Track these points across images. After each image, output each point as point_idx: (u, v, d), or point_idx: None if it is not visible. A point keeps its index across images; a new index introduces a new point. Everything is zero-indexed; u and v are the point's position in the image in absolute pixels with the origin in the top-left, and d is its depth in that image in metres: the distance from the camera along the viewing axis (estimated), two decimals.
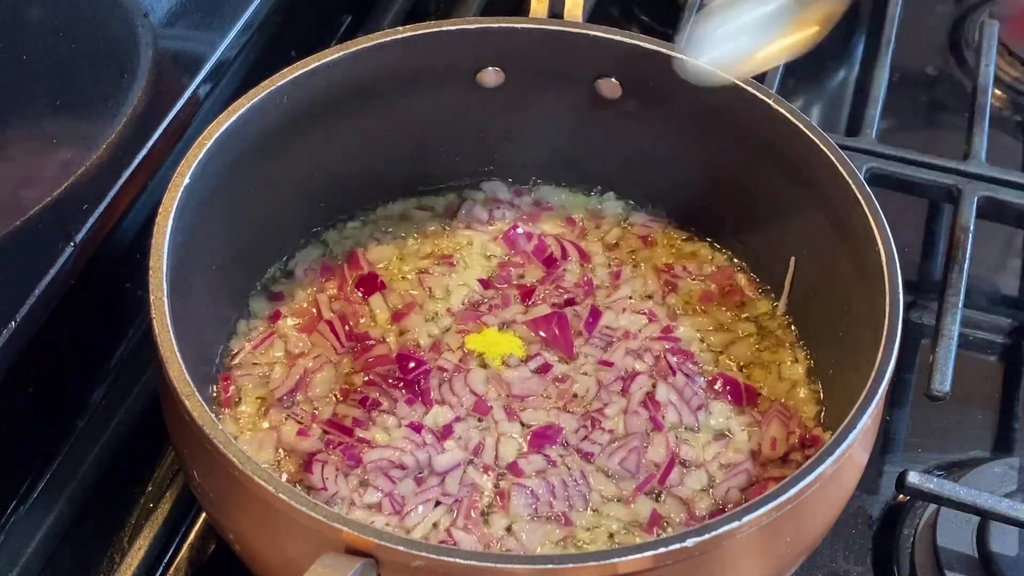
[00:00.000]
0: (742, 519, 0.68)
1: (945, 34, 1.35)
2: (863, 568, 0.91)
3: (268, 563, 0.75)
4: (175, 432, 0.78)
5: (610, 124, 0.99)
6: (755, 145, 0.93)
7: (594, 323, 0.95)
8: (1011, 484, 0.92)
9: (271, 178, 0.93)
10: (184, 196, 0.81)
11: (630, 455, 0.86)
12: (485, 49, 0.95)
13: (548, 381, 0.91)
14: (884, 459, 0.97)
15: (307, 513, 0.67)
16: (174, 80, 0.93)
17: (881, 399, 0.75)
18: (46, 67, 0.78)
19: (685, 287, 0.99)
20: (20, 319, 0.78)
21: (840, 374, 0.88)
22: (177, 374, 0.73)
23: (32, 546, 0.86)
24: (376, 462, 0.85)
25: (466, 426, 0.88)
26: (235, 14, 0.99)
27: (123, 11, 0.85)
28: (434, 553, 0.65)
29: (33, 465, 0.89)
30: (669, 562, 0.67)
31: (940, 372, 0.93)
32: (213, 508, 0.77)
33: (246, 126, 0.87)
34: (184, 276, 0.80)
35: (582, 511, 0.84)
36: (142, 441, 0.93)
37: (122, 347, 0.97)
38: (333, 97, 0.92)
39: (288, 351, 0.93)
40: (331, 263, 0.99)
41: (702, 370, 0.93)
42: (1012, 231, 1.13)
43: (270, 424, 0.88)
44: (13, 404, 0.85)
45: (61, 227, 0.82)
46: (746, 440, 0.89)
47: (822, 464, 0.71)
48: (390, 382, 0.90)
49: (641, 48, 0.93)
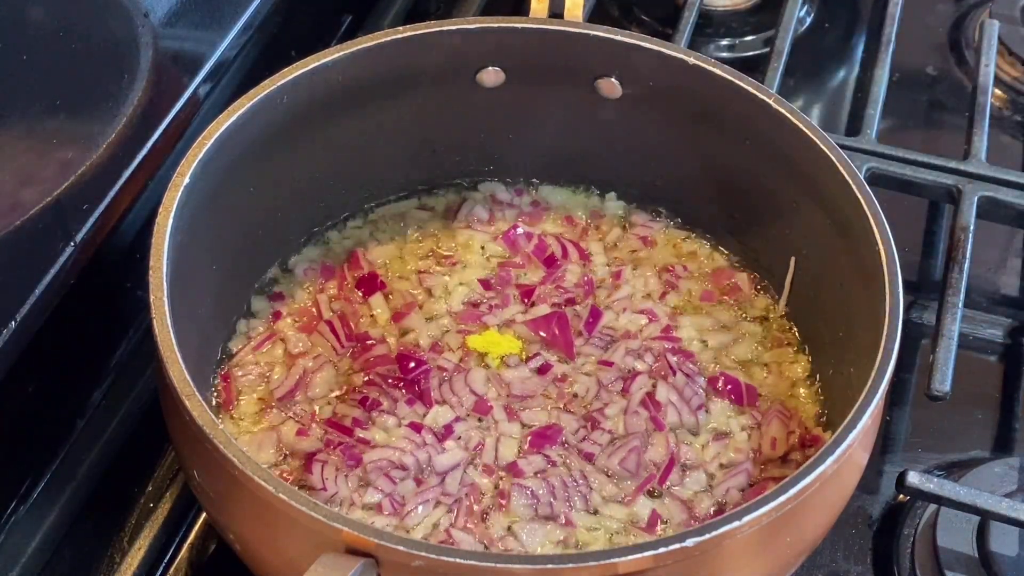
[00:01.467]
0: (742, 519, 0.68)
1: (945, 34, 1.35)
2: (863, 568, 0.91)
3: (268, 563, 0.75)
4: (175, 432, 0.78)
5: (610, 124, 0.99)
6: (755, 145, 0.93)
7: (594, 323, 0.95)
8: (1011, 484, 0.92)
9: (271, 178, 0.93)
10: (184, 196, 0.81)
11: (630, 455, 0.86)
12: (485, 49, 0.95)
13: (548, 381, 0.91)
14: (884, 459, 0.97)
15: (307, 513, 0.67)
16: (174, 80, 0.93)
17: (881, 399, 0.75)
18: (46, 67, 0.78)
19: (685, 287, 0.99)
20: (20, 319, 0.78)
21: (840, 374, 0.88)
22: (177, 374, 0.73)
23: (32, 546, 0.86)
24: (376, 462, 0.85)
25: (466, 426, 0.88)
26: (235, 14, 0.99)
27: (123, 11, 0.85)
28: (434, 553, 0.65)
29: (33, 465, 0.89)
30: (669, 562, 0.67)
31: (940, 372, 0.93)
32: (213, 508, 0.77)
33: (246, 126, 0.87)
34: (184, 276, 0.80)
35: (582, 511, 0.84)
36: (142, 441, 0.94)
37: (122, 347, 0.97)
38: (333, 97, 0.92)
39: (288, 351, 0.93)
40: (331, 263, 0.99)
41: (702, 370, 0.93)
42: (1012, 231, 1.13)
43: (270, 424, 0.88)
44: (13, 404, 0.85)
45: (61, 227, 0.82)
46: (746, 440, 0.89)
47: (822, 464, 0.71)
48: (390, 382, 0.90)
49: (641, 48, 0.93)
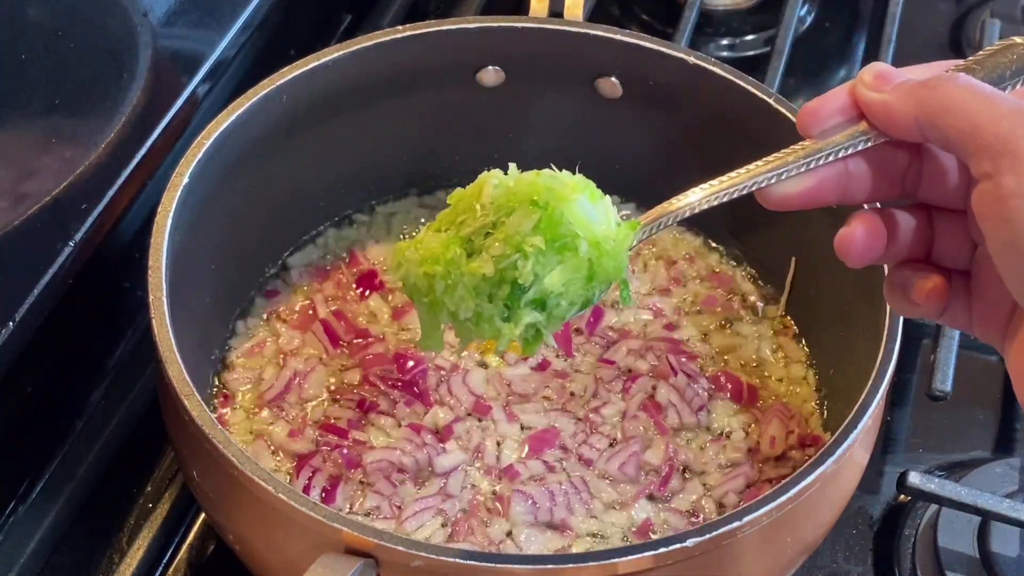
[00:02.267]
0: (742, 519, 0.67)
1: (946, 33, 1.34)
2: (864, 568, 0.91)
3: (268, 563, 0.75)
4: (174, 432, 0.78)
5: (610, 124, 0.99)
6: (756, 145, 0.92)
7: (595, 323, 0.94)
8: (1012, 484, 0.92)
9: (270, 178, 0.93)
10: (183, 195, 0.81)
11: (630, 459, 0.86)
12: (485, 49, 0.95)
13: (548, 376, 0.91)
14: (885, 459, 0.97)
15: (307, 513, 0.67)
16: (173, 79, 0.93)
17: (882, 399, 0.75)
18: (45, 66, 0.78)
19: (686, 287, 0.98)
20: (19, 319, 0.78)
21: (840, 374, 0.88)
22: (176, 374, 0.73)
23: (30, 547, 0.86)
24: (376, 463, 0.84)
25: (466, 426, 0.88)
26: (234, 13, 0.99)
27: (122, 10, 0.85)
28: (433, 553, 0.65)
29: (32, 465, 0.89)
30: (669, 562, 0.67)
31: (941, 372, 0.93)
32: (213, 508, 0.77)
33: (245, 125, 0.86)
34: (183, 276, 0.80)
35: (582, 517, 0.84)
36: (141, 441, 0.93)
37: (121, 347, 0.97)
38: (333, 97, 0.92)
39: (287, 351, 0.93)
40: (330, 262, 0.99)
41: (703, 370, 0.92)
42: None
43: (265, 424, 0.88)
44: (12, 404, 0.85)
45: (60, 226, 0.82)
46: (744, 439, 0.89)
47: (822, 464, 0.71)
48: (388, 383, 0.89)
49: (641, 48, 0.93)
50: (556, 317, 0.63)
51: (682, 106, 0.95)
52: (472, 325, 0.63)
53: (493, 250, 0.61)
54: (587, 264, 0.62)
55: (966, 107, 0.55)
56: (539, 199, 0.61)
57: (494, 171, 0.63)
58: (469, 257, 0.62)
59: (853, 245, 0.62)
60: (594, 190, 0.63)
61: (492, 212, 0.62)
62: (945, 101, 0.56)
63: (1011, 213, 0.54)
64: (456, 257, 0.62)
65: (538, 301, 0.62)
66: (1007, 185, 0.54)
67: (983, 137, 0.55)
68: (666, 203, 0.64)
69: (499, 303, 0.62)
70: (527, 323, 0.62)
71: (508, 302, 0.62)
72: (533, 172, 0.63)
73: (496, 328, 0.62)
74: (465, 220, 0.63)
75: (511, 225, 0.61)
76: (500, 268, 0.61)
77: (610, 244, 0.62)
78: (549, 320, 0.63)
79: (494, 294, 0.62)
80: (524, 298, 0.62)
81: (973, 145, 0.55)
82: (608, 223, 0.62)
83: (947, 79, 0.57)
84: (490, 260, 0.61)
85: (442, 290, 0.62)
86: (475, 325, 0.63)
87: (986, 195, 0.55)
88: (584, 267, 0.62)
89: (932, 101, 0.57)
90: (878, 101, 0.59)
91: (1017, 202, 0.54)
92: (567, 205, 0.61)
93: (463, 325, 0.63)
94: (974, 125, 0.55)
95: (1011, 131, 0.54)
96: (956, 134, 0.56)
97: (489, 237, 0.62)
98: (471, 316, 0.63)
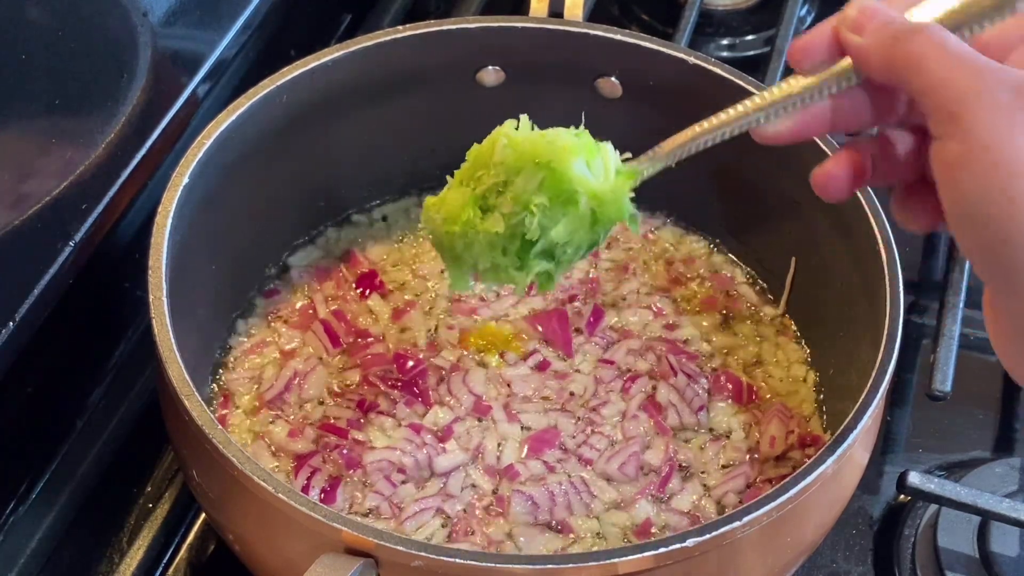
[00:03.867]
0: (742, 519, 0.67)
1: None
2: (864, 568, 0.91)
3: (268, 563, 0.75)
4: (174, 432, 0.78)
5: (610, 124, 0.98)
6: (755, 145, 0.92)
7: (596, 323, 0.94)
8: (1012, 484, 0.92)
9: (271, 178, 0.93)
10: (183, 196, 0.81)
11: (630, 460, 0.86)
12: (485, 48, 0.95)
13: (548, 375, 0.91)
14: (885, 459, 0.97)
15: (307, 513, 0.67)
16: (173, 79, 0.93)
17: (882, 399, 0.75)
18: (45, 66, 0.78)
19: (686, 287, 0.98)
20: (19, 319, 0.78)
21: (840, 374, 0.88)
22: (177, 374, 0.73)
23: (31, 546, 0.86)
24: (376, 463, 0.85)
25: (466, 427, 0.88)
26: (234, 13, 0.99)
27: (122, 10, 0.85)
28: (434, 553, 0.65)
29: (32, 465, 0.89)
30: (669, 562, 0.67)
31: (941, 372, 0.93)
32: (213, 508, 0.77)
33: (245, 126, 0.87)
34: (183, 276, 0.80)
35: (582, 517, 0.84)
36: (141, 441, 0.93)
37: (121, 347, 0.97)
38: (333, 97, 0.92)
39: (287, 351, 0.93)
40: (330, 262, 0.99)
41: (703, 370, 0.92)
42: None
43: (265, 424, 0.88)
44: (12, 404, 0.85)
45: (60, 227, 0.82)
46: (744, 439, 0.89)
47: (822, 464, 0.71)
48: (388, 383, 0.89)
49: (641, 48, 0.93)
50: (565, 262, 0.70)
51: (682, 106, 0.95)
52: (491, 274, 0.71)
53: (503, 208, 0.68)
54: (590, 214, 0.68)
55: (931, 64, 0.55)
56: (541, 160, 0.67)
57: (506, 124, 0.69)
58: (484, 214, 0.69)
59: (829, 183, 0.64)
60: (592, 146, 0.69)
61: (503, 172, 0.68)
62: (914, 56, 0.56)
63: (956, 183, 0.54)
64: (471, 218, 0.69)
65: (547, 251, 0.69)
66: (952, 151, 0.54)
67: (939, 97, 0.55)
68: (657, 146, 0.70)
69: (512, 255, 0.70)
70: (538, 271, 0.70)
71: (520, 254, 0.70)
72: (538, 132, 0.69)
73: (511, 276, 0.70)
74: (481, 177, 0.69)
75: (518, 185, 0.68)
76: (511, 225, 0.68)
77: (609, 193, 0.68)
78: (558, 265, 0.70)
79: (507, 248, 0.69)
80: (534, 250, 0.69)
81: (931, 103, 0.55)
82: (607, 173, 0.69)
83: (920, 31, 0.56)
84: (501, 219, 0.68)
85: (462, 247, 0.70)
86: (493, 274, 0.71)
87: (936, 157, 0.55)
88: (587, 217, 0.68)
89: (901, 55, 0.57)
90: (854, 46, 0.59)
91: (960, 173, 0.54)
92: (567, 164, 0.67)
93: (484, 273, 0.71)
94: (934, 84, 0.55)
95: (965, 95, 0.54)
96: (918, 89, 0.56)
97: (500, 196, 0.68)
98: (489, 267, 0.71)
